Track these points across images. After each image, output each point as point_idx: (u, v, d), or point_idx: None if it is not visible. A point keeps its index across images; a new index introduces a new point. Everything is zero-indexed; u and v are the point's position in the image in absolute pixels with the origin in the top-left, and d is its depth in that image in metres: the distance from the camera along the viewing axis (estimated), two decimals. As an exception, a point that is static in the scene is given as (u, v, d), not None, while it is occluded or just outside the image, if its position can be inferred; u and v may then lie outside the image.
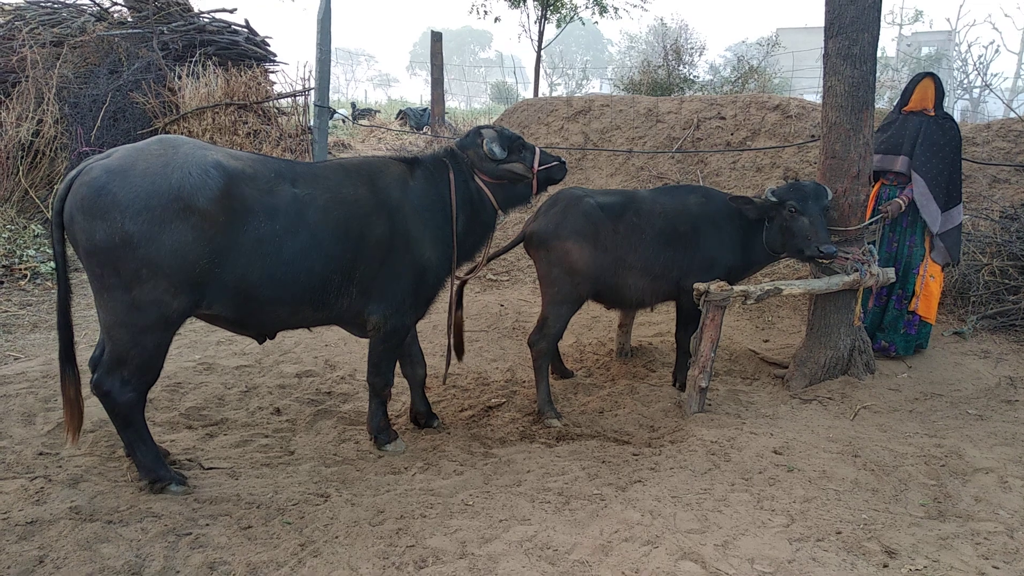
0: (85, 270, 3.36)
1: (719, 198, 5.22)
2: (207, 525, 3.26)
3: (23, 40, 9.71)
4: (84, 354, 4.56)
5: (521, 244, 5.21)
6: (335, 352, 5.96)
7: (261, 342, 4.11)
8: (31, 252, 7.93)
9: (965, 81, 23.31)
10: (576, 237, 4.84)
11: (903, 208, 5.44)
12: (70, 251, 3.42)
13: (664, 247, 4.96)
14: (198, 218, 3.31)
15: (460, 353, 4.99)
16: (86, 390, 3.66)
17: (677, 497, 3.55)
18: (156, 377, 3.57)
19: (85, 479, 3.65)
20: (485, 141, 4.34)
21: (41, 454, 3.90)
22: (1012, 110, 10.65)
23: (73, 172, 3.33)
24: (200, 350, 5.84)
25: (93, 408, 4.07)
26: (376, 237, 3.90)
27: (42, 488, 3.50)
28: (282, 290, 3.66)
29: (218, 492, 3.61)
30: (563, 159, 4.65)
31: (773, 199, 4.89)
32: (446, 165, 4.29)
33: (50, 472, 3.69)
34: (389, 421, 4.42)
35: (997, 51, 25.42)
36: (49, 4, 11.11)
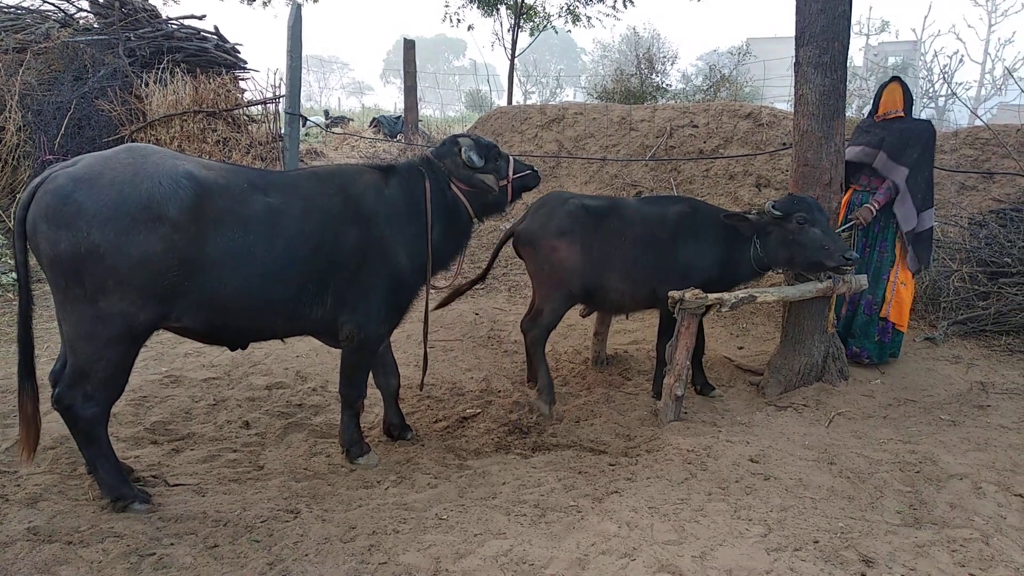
0: (48, 281, 3.25)
1: (704, 209, 5.22)
2: (171, 545, 3.15)
3: (-15, 46, 9.50)
4: (44, 368, 4.42)
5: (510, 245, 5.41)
6: (306, 363, 5.85)
7: (233, 349, 4.02)
8: (-8, 263, 7.72)
9: (931, 90, 23.73)
10: (560, 235, 4.97)
11: (874, 213, 5.47)
12: (32, 261, 3.31)
13: (642, 252, 4.98)
14: (168, 228, 3.23)
15: None
16: (45, 406, 3.54)
17: (654, 508, 3.51)
18: (120, 391, 3.47)
19: (44, 498, 3.52)
20: (463, 150, 4.31)
21: (-2, 472, 3.76)
22: (978, 118, 10.84)
23: (37, 180, 3.22)
24: (167, 362, 5.71)
25: (53, 424, 3.94)
26: (351, 246, 3.83)
27: (-2, 508, 3.37)
28: (255, 301, 3.58)
29: (184, 510, 3.49)
30: (535, 167, 4.71)
31: (777, 213, 4.75)
32: (421, 173, 4.24)
33: (7, 491, 3.56)
34: (362, 433, 4.33)
35: (961, 61, 25.84)
36: (12, 9, 10.87)
